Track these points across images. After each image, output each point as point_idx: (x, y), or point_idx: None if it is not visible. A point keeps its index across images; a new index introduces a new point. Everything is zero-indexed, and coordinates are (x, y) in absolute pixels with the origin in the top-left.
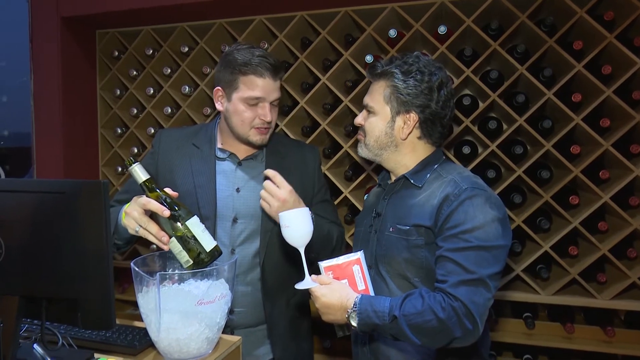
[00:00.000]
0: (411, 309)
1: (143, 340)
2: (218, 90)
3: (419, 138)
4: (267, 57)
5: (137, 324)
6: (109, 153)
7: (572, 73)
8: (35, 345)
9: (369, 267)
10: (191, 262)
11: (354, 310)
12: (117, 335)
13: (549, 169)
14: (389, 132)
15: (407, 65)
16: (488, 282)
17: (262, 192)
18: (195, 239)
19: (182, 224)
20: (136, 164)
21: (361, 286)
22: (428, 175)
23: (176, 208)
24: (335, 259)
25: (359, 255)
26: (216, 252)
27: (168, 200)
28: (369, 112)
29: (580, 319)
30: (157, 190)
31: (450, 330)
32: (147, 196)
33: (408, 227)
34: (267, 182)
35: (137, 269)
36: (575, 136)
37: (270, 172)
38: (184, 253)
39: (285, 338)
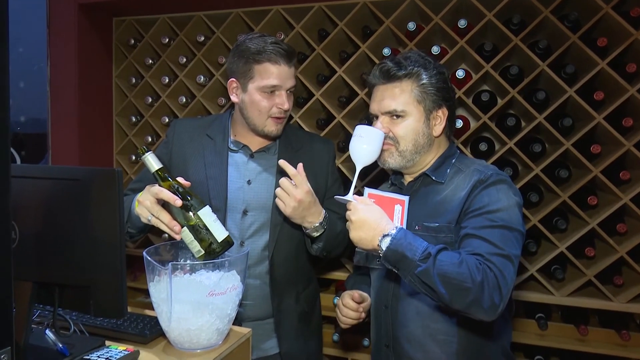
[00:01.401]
0: (447, 257)
1: (154, 329)
2: (232, 82)
3: (445, 133)
4: (280, 44)
5: (148, 312)
6: (124, 141)
7: (595, 70)
8: (47, 331)
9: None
10: (203, 252)
11: (388, 235)
12: (128, 324)
13: (568, 168)
14: (426, 131)
15: (423, 62)
16: (514, 261)
17: (278, 190)
18: (207, 229)
19: (194, 214)
20: (149, 153)
21: None
22: (448, 170)
23: (188, 198)
24: (381, 191)
25: (405, 198)
26: (228, 243)
27: (180, 189)
28: (397, 116)
29: (595, 322)
30: (170, 179)
31: (477, 292)
32: (159, 185)
33: (437, 224)
34: (283, 180)
35: (149, 258)
36: (596, 135)
37: (291, 170)
38: (196, 243)
39: (292, 333)
